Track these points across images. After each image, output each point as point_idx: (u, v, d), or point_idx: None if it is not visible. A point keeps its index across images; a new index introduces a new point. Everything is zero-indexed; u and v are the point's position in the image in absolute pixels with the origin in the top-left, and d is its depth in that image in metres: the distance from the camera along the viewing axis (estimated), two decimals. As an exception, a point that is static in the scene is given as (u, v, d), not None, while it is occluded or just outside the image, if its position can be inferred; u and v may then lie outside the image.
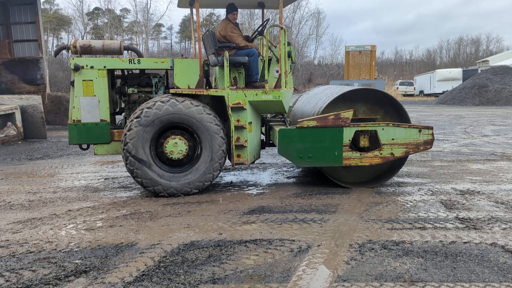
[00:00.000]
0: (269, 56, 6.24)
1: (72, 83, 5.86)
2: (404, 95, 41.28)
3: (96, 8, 51.61)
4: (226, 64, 5.73)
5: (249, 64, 6.06)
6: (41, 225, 4.60)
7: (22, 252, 3.81)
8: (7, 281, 3.26)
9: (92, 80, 5.85)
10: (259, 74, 6.26)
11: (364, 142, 5.73)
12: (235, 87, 6.09)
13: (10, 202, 5.58)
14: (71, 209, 5.19)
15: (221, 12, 47.86)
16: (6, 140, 11.38)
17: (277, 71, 6.02)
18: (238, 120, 5.82)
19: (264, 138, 6.74)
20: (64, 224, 4.62)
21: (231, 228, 4.43)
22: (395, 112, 6.13)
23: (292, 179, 6.80)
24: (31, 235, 4.27)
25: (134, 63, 5.94)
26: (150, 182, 5.58)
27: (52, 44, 46.04)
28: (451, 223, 4.50)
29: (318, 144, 5.61)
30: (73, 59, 5.85)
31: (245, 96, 5.81)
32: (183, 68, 5.91)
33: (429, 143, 5.81)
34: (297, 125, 5.63)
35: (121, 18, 50.54)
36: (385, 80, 23.28)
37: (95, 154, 6.15)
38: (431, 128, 5.84)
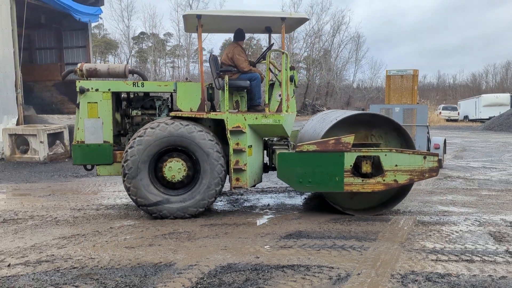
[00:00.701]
0: (272, 80, 6.27)
1: (78, 105, 6.00)
2: (447, 120, 39.96)
3: (142, 33, 53.80)
4: (226, 87, 5.79)
5: (252, 88, 6.13)
6: (84, 241, 4.75)
7: (66, 268, 3.93)
8: (51, 295, 3.36)
9: (96, 103, 5.96)
10: (262, 98, 6.27)
11: (366, 168, 5.56)
12: (236, 110, 6.11)
13: (56, 217, 5.81)
14: (112, 227, 5.33)
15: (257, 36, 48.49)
16: (54, 157, 11.94)
17: (280, 95, 5.99)
18: (237, 144, 5.78)
19: (268, 162, 6.65)
20: (106, 241, 4.74)
21: (268, 252, 4.39)
22: (403, 138, 5.97)
23: (330, 204, 6.67)
24: (75, 251, 4.41)
25: (138, 86, 6.04)
26: (181, 211, 5.63)
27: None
28: (501, 257, 4.25)
29: (318, 169, 5.49)
30: (79, 82, 5.98)
31: (245, 119, 5.80)
32: (185, 91, 5.95)
33: (434, 171, 5.60)
34: (297, 149, 5.54)
35: (165, 42, 52.43)
36: (427, 105, 22.63)
37: (97, 175, 6.16)
38: (437, 155, 5.68)
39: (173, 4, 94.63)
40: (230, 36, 6.75)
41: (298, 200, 6.95)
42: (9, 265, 3.97)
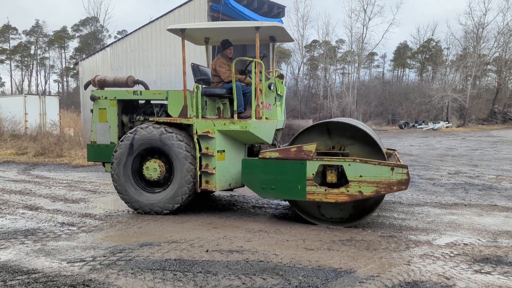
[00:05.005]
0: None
1: (92, 111, 6.89)
2: None
3: (314, 41, 55.35)
4: (193, 95, 6.14)
5: (233, 96, 6.27)
6: (268, 237, 5.06)
7: (254, 260, 4.24)
8: (243, 283, 3.67)
9: (105, 109, 6.82)
10: (243, 106, 6.35)
11: (331, 177, 5.45)
12: (216, 117, 6.44)
13: (244, 213, 6.36)
14: (291, 227, 5.56)
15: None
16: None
17: (261, 102, 6.06)
18: (207, 148, 6.03)
19: None
20: (287, 240, 4.95)
21: (459, 274, 3.93)
22: (373, 148, 5.65)
23: (536, 228, 5.62)
24: (260, 245, 4.73)
25: (137, 95, 6.73)
26: (158, 206, 6.11)
27: (275, 75, 51.27)
28: None
29: (281, 176, 5.51)
30: (92, 91, 6.88)
31: (214, 125, 6.02)
32: (175, 98, 6.43)
33: (403, 184, 5.22)
34: (260, 156, 5.60)
35: (336, 49, 52.75)
36: None
37: (105, 171, 6.93)
38: (406, 167, 5.24)
39: (347, 10, 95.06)
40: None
41: (496, 220, 6.05)
42: (207, 251, 4.50)
